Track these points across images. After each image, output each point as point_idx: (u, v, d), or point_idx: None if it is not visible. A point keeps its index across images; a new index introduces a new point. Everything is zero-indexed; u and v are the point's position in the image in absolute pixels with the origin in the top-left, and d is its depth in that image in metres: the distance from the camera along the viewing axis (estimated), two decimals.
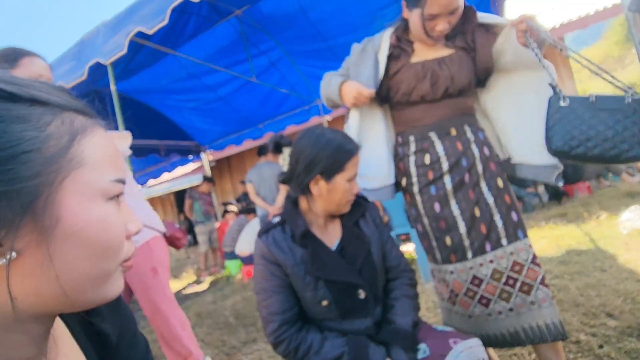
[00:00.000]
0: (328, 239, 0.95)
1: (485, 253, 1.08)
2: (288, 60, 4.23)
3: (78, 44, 2.77)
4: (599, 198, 4.05)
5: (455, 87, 1.10)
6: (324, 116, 5.15)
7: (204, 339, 2.45)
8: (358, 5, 3.19)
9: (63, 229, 0.31)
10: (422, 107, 1.15)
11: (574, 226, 3.19)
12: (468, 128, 1.14)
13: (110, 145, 0.37)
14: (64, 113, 0.33)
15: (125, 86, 4.01)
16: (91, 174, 0.33)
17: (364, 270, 0.92)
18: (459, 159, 1.11)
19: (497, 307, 1.07)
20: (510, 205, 1.10)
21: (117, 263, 0.36)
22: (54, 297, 0.32)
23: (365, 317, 0.91)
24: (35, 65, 1.11)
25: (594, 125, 0.88)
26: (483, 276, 1.08)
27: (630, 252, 2.25)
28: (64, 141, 0.32)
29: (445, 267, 1.14)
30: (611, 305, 1.62)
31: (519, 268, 1.05)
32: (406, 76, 1.13)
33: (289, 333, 0.86)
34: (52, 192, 0.30)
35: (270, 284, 0.88)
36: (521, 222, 1.09)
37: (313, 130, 0.94)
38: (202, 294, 4.05)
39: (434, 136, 1.14)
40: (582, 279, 1.98)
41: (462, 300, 1.12)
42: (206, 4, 2.94)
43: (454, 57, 1.12)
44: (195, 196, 5.30)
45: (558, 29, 6.53)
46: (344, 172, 0.89)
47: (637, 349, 1.28)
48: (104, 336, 0.44)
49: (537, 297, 1.04)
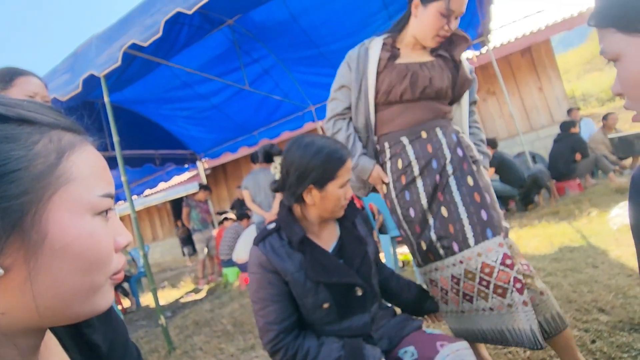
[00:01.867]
0: (324, 243, 0.95)
1: (454, 254, 1.07)
2: (281, 68, 4.27)
3: (71, 56, 2.79)
4: (589, 195, 4.10)
5: (432, 89, 1.14)
6: (318, 122, 5.19)
7: (202, 347, 2.44)
8: (348, 12, 3.25)
9: (51, 244, 0.31)
10: (399, 108, 1.18)
11: (565, 224, 3.24)
12: (440, 130, 1.16)
13: (99, 160, 0.38)
14: (52, 131, 0.34)
15: (119, 97, 4.02)
16: (79, 190, 0.34)
17: (361, 269, 0.93)
18: (429, 161, 1.13)
19: (480, 303, 1.06)
20: (479, 203, 1.07)
21: (106, 276, 0.36)
22: (43, 311, 0.32)
23: (364, 313, 0.93)
24: (31, 84, 1.11)
25: None
26: (459, 275, 1.08)
27: (621, 248, 2.29)
28: (51, 159, 0.32)
29: (428, 266, 1.17)
30: (603, 301, 1.65)
31: (489, 270, 1.02)
32: (389, 75, 1.16)
33: (286, 341, 0.85)
34: (40, 209, 0.31)
35: (268, 293, 0.87)
36: (491, 220, 1.05)
37: (302, 139, 0.94)
38: (200, 302, 4.03)
39: (405, 140, 1.17)
40: (574, 276, 2.01)
41: (452, 297, 1.12)
42: (198, 14, 2.97)
43: (435, 63, 1.17)
44: (192, 204, 5.29)
45: (544, 31, 6.66)
46: (336, 180, 0.89)
47: (628, 343, 1.30)
48: (94, 347, 0.44)
49: (513, 299, 0.99)
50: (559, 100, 6.90)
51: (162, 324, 2.50)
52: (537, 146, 6.75)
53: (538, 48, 6.94)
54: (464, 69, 1.20)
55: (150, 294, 3.92)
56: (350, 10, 3.22)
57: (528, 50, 6.97)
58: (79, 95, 2.77)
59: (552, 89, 6.94)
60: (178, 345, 2.62)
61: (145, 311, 4.45)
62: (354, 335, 0.90)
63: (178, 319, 3.42)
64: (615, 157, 4.92)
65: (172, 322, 3.35)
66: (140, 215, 10.99)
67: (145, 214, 11.18)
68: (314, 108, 5.09)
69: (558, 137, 4.82)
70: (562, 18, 6.66)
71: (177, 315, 3.65)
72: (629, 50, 0.48)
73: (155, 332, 3.22)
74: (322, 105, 5.06)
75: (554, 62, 7.01)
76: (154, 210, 11.11)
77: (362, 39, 1.34)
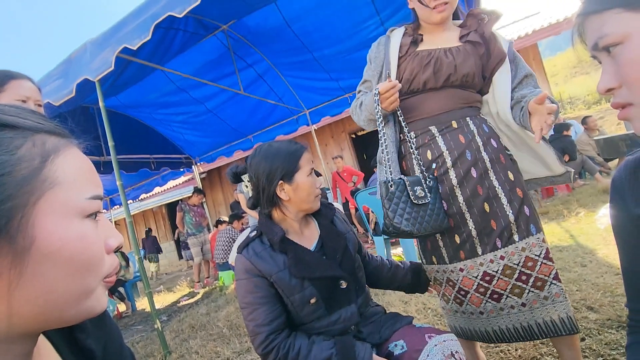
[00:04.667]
0: (306, 242, 0.98)
1: (496, 249, 1.03)
2: (275, 72, 4.31)
3: (65, 61, 2.78)
4: (577, 196, 4.19)
5: (457, 76, 1.08)
6: (312, 125, 5.23)
7: (197, 351, 2.45)
8: (341, 18, 3.29)
9: (39, 249, 0.30)
10: (423, 96, 1.12)
11: (554, 224, 3.30)
12: (470, 120, 1.10)
13: (85, 163, 0.37)
14: (34, 135, 0.33)
15: (114, 102, 4.02)
16: (66, 193, 0.33)
17: (343, 262, 0.96)
18: (462, 152, 1.07)
19: (509, 301, 1.04)
20: (522, 199, 1.05)
21: (99, 279, 0.36)
22: (34, 316, 0.32)
23: (350, 304, 0.95)
24: (23, 88, 1.08)
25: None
26: (494, 272, 1.04)
27: (608, 247, 2.34)
28: (35, 163, 0.32)
29: (453, 265, 1.10)
30: (591, 299, 1.69)
31: (532, 264, 1.01)
32: (411, 63, 1.12)
33: (277, 342, 0.86)
34: (26, 214, 0.30)
35: (255, 297, 0.89)
36: (534, 216, 1.05)
37: (260, 147, 1.00)
38: (196, 305, 4.03)
39: (435, 130, 1.11)
40: (564, 275, 2.06)
41: (473, 297, 1.08)
42: (192, 20, 2.99)
43: (461, 48, 1.10)
44: (186, 209, 5.28)
45: (532, 35, 6.80)
46: (301, 170, 0.95)
47: (616, 340, 1.34)
48: (88, 352, 0.44)
49: (550, 292, 1.00)
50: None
51: (158, 327, 2.49)
52: None
53: (526, 52, 7.08)
54: (497, 43, 1.11)
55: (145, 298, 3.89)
56: (342, 16, 3.26)
57: None
58: (73, 100, 2.76)
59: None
60: (174, 349, 2.62)
61: (141, 315, 4.42)
62: (343, 327, 0.93)
63: (174, 323, 3.41)
64: (602, 158, 5.03)
65: (168, 326, 3.35)
66: (135, 219, 10.91)
67: (141, 218, 11.10)
68: (308, 112, 5.12)
69: (550, 138, 4.92)
70: (549, 23, 6.82)
71: (173, 319, 3.64)
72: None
73: (151, 336, 3.21)
74: (316, 109, 5.10)
75: (542, 66, 7.16)
76: (150, 214, 11.04)
77: (354, 45, 1.36)
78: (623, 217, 0.59)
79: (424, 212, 1.03)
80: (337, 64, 3.99)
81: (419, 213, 1.02)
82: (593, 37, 0.49)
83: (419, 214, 1.02)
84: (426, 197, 1.04)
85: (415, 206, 1.03)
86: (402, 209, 1.02)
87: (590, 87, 13.28)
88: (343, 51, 3.72)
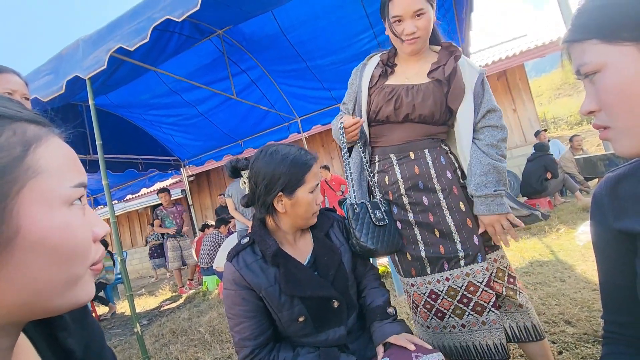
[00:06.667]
0: (299, 254, 0.94)
1: (443, 271, 1.11)
2: (268, 79, 4.33)
3: (56, 57, 2.74)
4: (558, 212, 4.31)
5: (415, 115, 1.14)
6: (303, 133, 5.25)
7: (177, 357, 2.40)
8: (336, 30, 3.35)
9: (25, 238, 0.30)
10: (388, 126, 1.20)
11: (536, 239, 3.38)
12: (428, 152, 1.16)
13: (68, 151, 0.37)
14: (14, 124, 0.33)
15: (104, 100, 3.97)
16: (50, 182, 0.33)
17: (336, 280, 0.92)
18: (416, 182, 1.14)
19: (450, 321, 1.11)
20: (472, 229, 1.11)
21: (85, 267, 0.36)
22: (19, 306, 0.31)
23: (339, 325, 0.92)
24: (9, 82, 1.08)
25: None
26: (439, 292, 1.11)
27: (587, 263, 2.42)
28: (16, 151, 0.31)
29: (407, 280, 1.19)
30: (569, 314, 1.74)
31: (474, 289, 1.08)
32: (377, 96, 1.18)
33: (261, 355, 0.85)
34: (10, 203, 0.30)
35: (242, 310, 0.87)
36: (482, 246, 1.11)
37: (267, 149, 0.93)
38: (178, 310, 3.95)
39: (394, 158, 1.18)
40: (543, 289, 2.11)
41: (422, 312, 1.16)
42: (188, 24, 3.00)
43: (423, 87, 1.14)
44: (162, 214, 5.12)
45: (519, 57, 7.04)
46: (305, 185, 0.89)
47: (592, 354, 1.38)
48: (69, 352, 0.43)
49: (488, 318, 1.07)
50: (532, 122, 7.25)
51: (138, 331, 2.43)
52: (510, 164, 7.05)
53: (513, 72, 7.32)
54: (458, 79, 1.13)
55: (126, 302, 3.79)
56: (337, 28, 3.32)
57: (503, 74, 7.34)
58: (62, 97, 2.72)
59: (525, 111, 7.30)
60: (153, 354, 2.56)
61: (121, 319, 4.31)
62: (330, 346, 0.90)
63: (154, 327, 3.34)
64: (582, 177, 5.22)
65: (148, 331, 3.27)
66: (119, 220, 10.64)
67: (125, 219, 10.85)
68: (299, 119, 5.16)
69: (532, 156, 5.06)
70: (536, 45, 7.09)
71: (153, 324, 3.56)
72: (614, 59, 0.47)
73: (129, 341, 3.14)
74: (307, 117, 5.13)
75: (528, 86, 7.39)
76: (135, 215, 10.80)
77: (348, 56, 1.40)
78: (603, 231, 0.62)
79: (383, 232, 1.12)
80: (330, 74, 4.04)
81: (380, 232, 1.11)
82: (575, 64, 0.52)
83: (380, 233, 1.11)
84: (384, 219, 1.14)
85: (377, 227, 1.11)
86: (367, 229, 1.09)
87: (573, 109, 13.79)
88: (337, 62, 3.77)
